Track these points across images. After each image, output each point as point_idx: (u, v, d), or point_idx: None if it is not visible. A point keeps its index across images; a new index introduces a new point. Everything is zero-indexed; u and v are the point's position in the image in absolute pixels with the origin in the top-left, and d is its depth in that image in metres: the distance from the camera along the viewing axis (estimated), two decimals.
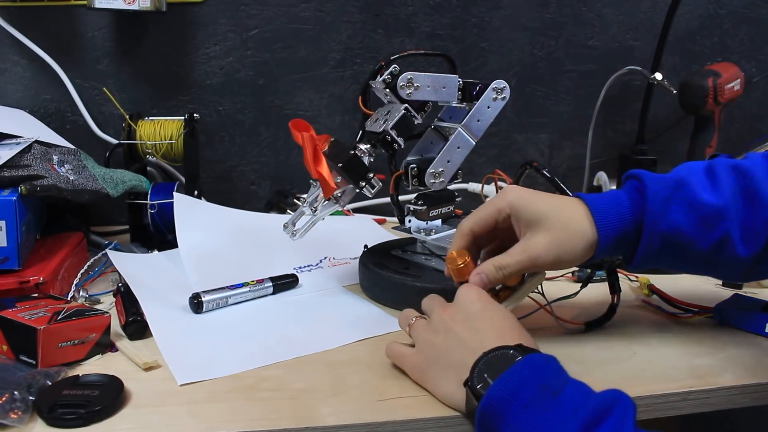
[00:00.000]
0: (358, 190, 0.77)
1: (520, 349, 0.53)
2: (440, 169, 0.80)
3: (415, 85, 0.77)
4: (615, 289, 0.73)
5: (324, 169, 0.73)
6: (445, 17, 1.19)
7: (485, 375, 0.51)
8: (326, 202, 0.77)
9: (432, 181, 0.80)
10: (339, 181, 0.76)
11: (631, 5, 1.24)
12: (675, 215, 0.62)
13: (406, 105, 0.77)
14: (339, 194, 0.77)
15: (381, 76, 0.77)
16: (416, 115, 0.78)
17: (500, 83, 0.80)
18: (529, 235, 0.63)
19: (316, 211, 0.78)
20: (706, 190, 0.63)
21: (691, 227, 0.62)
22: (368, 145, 0.77)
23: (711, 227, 0.62)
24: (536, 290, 0.69)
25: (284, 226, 0.79)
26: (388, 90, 0.77)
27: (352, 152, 0.76)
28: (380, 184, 0.77)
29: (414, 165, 0.82)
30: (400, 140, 0.77)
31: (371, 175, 0.76)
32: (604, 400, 0.47)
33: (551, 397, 0.48)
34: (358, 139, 0.80)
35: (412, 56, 0.83)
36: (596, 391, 0.49)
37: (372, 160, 0.77)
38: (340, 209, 0.80)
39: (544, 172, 0.81)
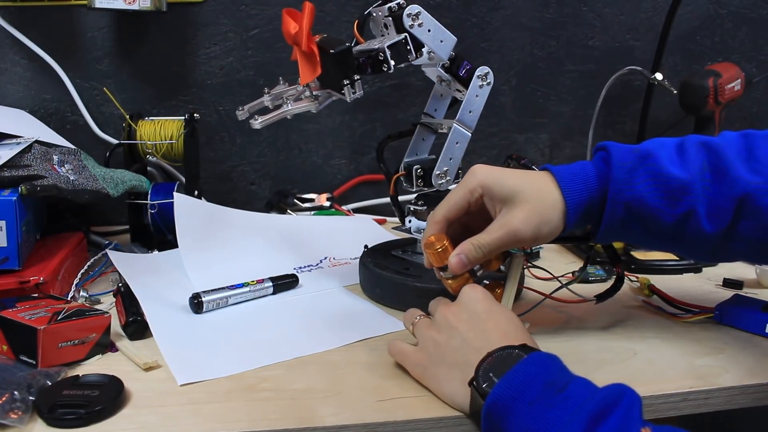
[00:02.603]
0: (335, 93, 0.73)
1: (525, 349, 0.53)
2: (445, 169, 0.80)
3: (420, 21, 0.75)
4: (616, 259, 0.72)
5: (315, 47, 0.70)
6: (445, 17, 1.19)
7: (490, 374, 0.51)
8: (296, 94, 0.73)
9: (440, 181, 0.80)
10: (313, 85, 0.74)
11: (632, 5, 1.24)
12: (639, 185, 0.62)
13: (406, 34, 0.74)
14: (313, 93, 0.74)
15: (386, 4, 0.75)
16: (411, 49, 0.74)
17: (483, 69, 0.79)
18: (505, 211, 0.63)
19: (281, 106, 0.75)
20: (674, 163, 0.63)
21: (655, 198, 0.62)
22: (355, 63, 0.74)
23: (676, 201, 0.62)
24: (524, 267, 0.69)
25: (239, 109, 0.76)
26: (390, 19, 0.75)
27: (348, 44, 0.72)
28: (362, 91, 0.74)
29: (418, 166, 0.81)
30: (391, 62, 0.73)
31: (357, 77, 0.72)
32: (610, 393, 0.47)
33: (557, 392, 0.48)
34: None
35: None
36: (601, 387, 0.49)
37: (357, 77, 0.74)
38: (312, 109, 0.76)
39: (524, 162, 0.81)
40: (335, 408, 0.57)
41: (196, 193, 1.01)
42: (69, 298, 0.78)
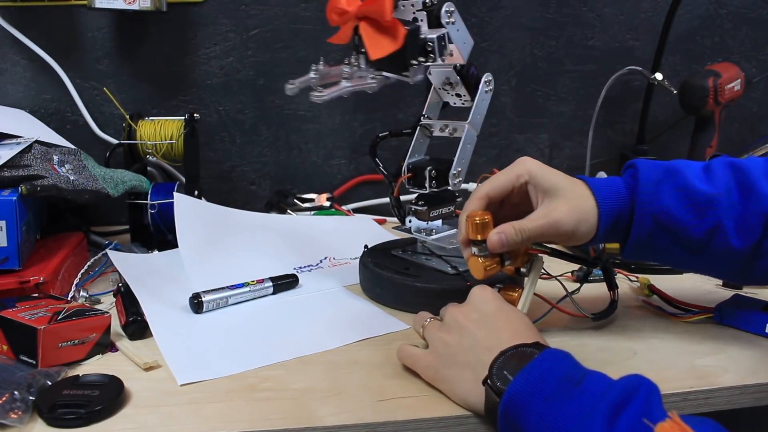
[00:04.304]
0: (398, 74, 0.72)
1: (538, 346, 0.53)
2: (459, 169, 0.81)
3: (453, 20, 0.75)
4: (612, 285, 0.73)
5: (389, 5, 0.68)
6: None
7: (504, 372, 0.51)
8: (350, 73, 0.72)
9: (455, 181, 0.81)
10: (363, 65, 0.73)
11: (631, 5, 1.24)
12: (666, 198, 0.64)
13: (446, 31, 0.73)
14: (373, 76, 0.73)
15: None
16: (448, 48, 0.74)
17: (488, 75, 0.80)
18: (547, 202, 0.65)
19: (349, 79, 0.73)
20: (700, 179, 0.64)
21: (681, 211, 0.63)
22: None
23: (703, 214, 0.63)
24: (542, 273, 0.69)
25: (289, 83, 0.74)
26: (424, 13, 0.74)
27: (416, 24, 0.71)
28: (422, 74, 0.73)
29: (431, 167, 0.81)
30: (437, 54, 0.73)
31: (420, 60, 0.71)
32: (627, 384, 0.47)
33: (574, 385, 0.48)
34: None
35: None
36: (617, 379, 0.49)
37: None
38: (368, 89, 0.75)
39: None
40: (335, 408, 0.57)
41: (196, 193, 1.01)
42: (69, 298, 0.78)
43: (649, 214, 0.64)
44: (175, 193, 0.92)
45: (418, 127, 0.85)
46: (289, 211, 1.12)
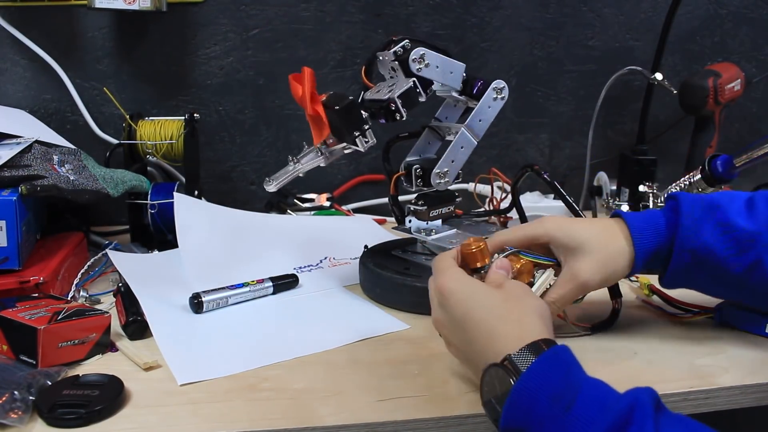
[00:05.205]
0: (350, 145, 0.75)
1: (517, 361, 0.49)
2: (445, 169, 0.80)
3: (426, 62, 0.76)
4: (616, 294, 0.73)
5: (320, 108, 0.72)
6: (445, 17, 1.19)
7: (492, 401, 0.49)
8: (311, 154, 0.76)
9: (438, 181, 0.81)
10: (330, 141, 0.76)
11: (631, 5, 1.24)
12: (706, 235, 0.64)
13: (414, 79, 0.76)
14: (325, 149, 0.76)
15: (390, 49, 0.76)
16: (421, 91, 0.76)
17: (500, 83, 0.80)
18: (572, 262, 0.65)
19: (297, 163, 0.77)
20: (741, 215, 0.64)
21: (722, 248, 0.64)
22: (366, 114, 0.76)
23: (743, 251, 0.63)
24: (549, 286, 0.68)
25: (266, 179, 0.79)
26: (396, 63, 0.76)
27: (351, 98, 0.74)
28: (374, 139, 0.75)
29: (417, 165, 0.82)
30: (403, 111, 0.75)
31: (367, 126, 0.74)
32: (620, 411, 0.44)
33: (565, 411, 0.45)
34: None
35: (415, 41, 0.81)
36: (614, 394, 0.47)
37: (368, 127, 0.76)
38: (322, 164, 0.79)
39: (545, 176, 0.81)
40: (335, 408, 0.57)
41: (196, 193, 1.01)
42: (69, 298, 0.78)
43: (689, 250, 0.64)
44: (175, 193, 0.92)
45: (426, 128, 0.85)
46: (289, 211, 1.12)
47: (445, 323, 0.57)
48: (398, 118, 0.75)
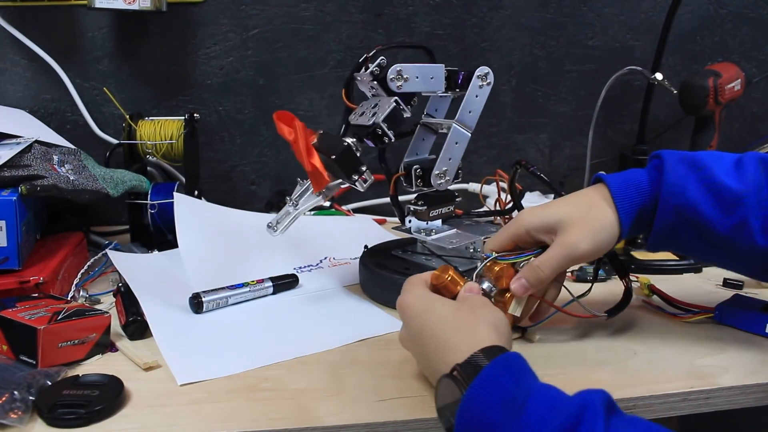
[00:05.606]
0: (350, 185, 0.75)
1: (465, 372, 0.49)
2: (444, 169, 0.80)
3: (405, 76, 0.76)
4: (622, 273, 0.72)
5: (317, 161, 0.72)
6: (445, 17, 1.19)
7: (447, 413, 0.49)
8: (309, 195, 0.76)
9: (439, 181, 0.81)
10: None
11: (631, 5, 1.24)
12: (691, 192, 0.63)
13: (396, 98, 0.75)
14: (324, 189, 0.76)
15: (366, 69, 0.76)
16: (405, 107, 0.75)
17: (483, 69, 0.79)
18: (558, 235, 0.64)
19: (297, 205, 0.77)
20: (729, 175, 0.63)
21: (707, 206, 0.62)
22: (354, 139, 0.76)
23: (729, 211, 0.62)
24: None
25: (268, 225, 0.78)
26: (375, 82, 0.76)
27: (346, 144, 0.74)
28: (372, 178, 0.75)
29: (417, 166, 0.81)
30: (390, 133, 0.74)
31: (364, 168, 0.74)
32: (570, 412, 0.44)
33: (515, 415, 0.45)
34: (342, 132, 0.79)
35: (390, 48, 0.82)
36: (564, 396, 0.46)
37: (358, 155, 0.76)
38: (323, 203, 0.79)
39: (533, 170, 0.81)
40: (335, 408, 0.57)
41: (196, 193, 1.01)
42: (69, 298, 0.78)
43: (673, 206, 0.63)
44: (175, 193, 0.92)
45: (418, 125, 0.85)
46: None
47: (405, 338, 0.60)
48: (386, 141, 0.75)
